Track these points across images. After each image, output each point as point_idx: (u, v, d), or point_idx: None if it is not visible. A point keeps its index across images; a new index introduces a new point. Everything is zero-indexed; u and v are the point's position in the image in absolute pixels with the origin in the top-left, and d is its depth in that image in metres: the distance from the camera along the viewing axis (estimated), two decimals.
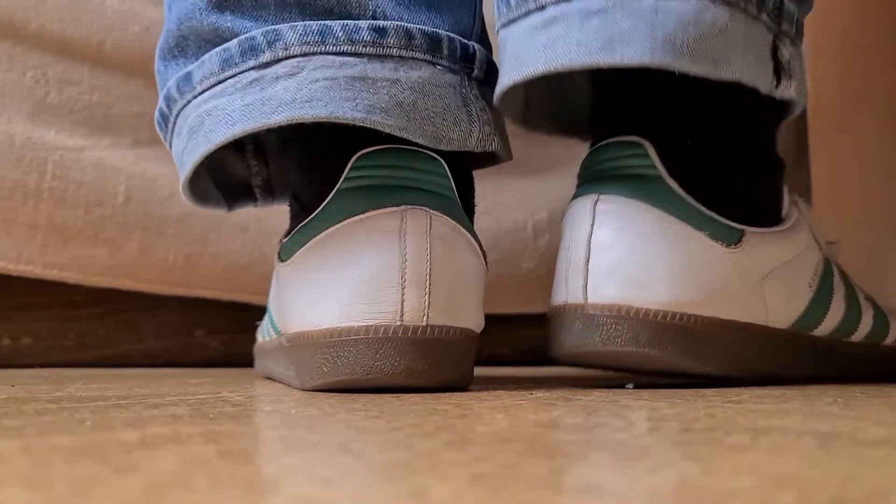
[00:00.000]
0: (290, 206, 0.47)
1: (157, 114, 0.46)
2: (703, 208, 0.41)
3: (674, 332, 0.40)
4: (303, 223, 0.40)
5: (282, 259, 0.42)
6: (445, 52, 0.41)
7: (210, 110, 0.41)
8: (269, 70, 0.40)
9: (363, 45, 0.40)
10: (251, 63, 0.40)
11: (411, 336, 0.37)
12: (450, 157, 0.40)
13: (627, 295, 0.40)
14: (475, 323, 0.40)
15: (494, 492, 0.17)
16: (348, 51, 0.40)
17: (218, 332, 0.59)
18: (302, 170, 0.44)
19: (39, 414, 0.29)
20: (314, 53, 0.39)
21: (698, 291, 0.40)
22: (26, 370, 0.59)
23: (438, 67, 0.41)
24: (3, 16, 0.60)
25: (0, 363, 0.63)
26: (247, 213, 0.63)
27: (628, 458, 0.21)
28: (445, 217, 0.39)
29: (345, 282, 0.38)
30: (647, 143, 0.42)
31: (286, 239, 0.42)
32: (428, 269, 0.38)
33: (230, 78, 0.40)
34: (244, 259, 0.63)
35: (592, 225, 0.41)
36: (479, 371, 0.43)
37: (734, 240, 0.41)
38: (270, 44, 0.40)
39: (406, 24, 0.40)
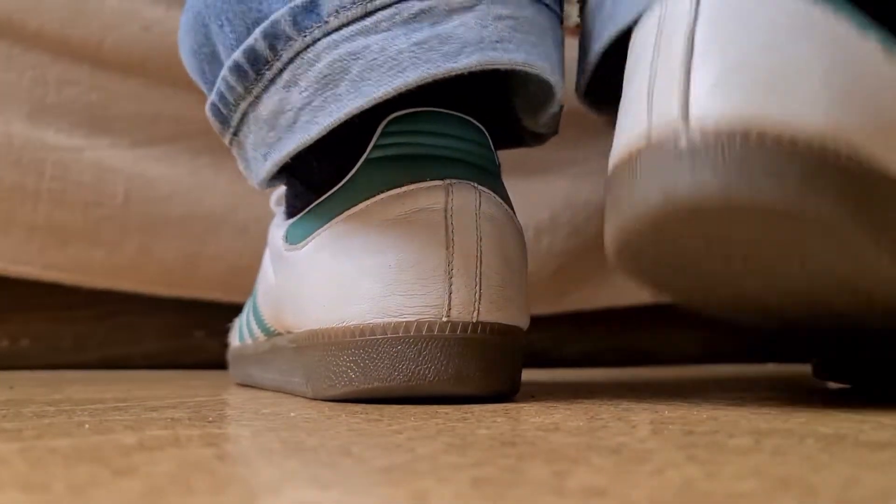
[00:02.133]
0: (287, 185, 0.40)
1: (233, 63, 0.35)
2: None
3: (837, 176, 0.25)
4: (321, 199, 0.34)
5: (290, 242, 0.36)
6: None
7: (357, 51, 0.32)
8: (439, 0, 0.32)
9: None
10: None
11: (460, 335, 0.31)
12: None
13: (759, 109, 0.25)
14: (524, 321, 0.35)
15: (496, 495, 0.17)
16: None
17: (218, 334, 0.59)
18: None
19: (38, 416, 0.29)
20: None
21: (872, 117, 0.26)
22: (25, 372, 0.59)
23: (558, 21, 0.36)
24: (2, 16, 0.60)
25: None
26: (247, 214, 0.63)
27: (631, 461, 0.21)
28: (493, 195, 0.33)
29: (378, 270, 0.32)
30: None
31: (292, 220, 0.37)
32: (478, 256, 0.32)
33: (383, 8, 0.32)
34: (244, 260, 0.63)
35: (695, 15, 0.26)
36: None
37: None
38: None
39: None
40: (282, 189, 0.43)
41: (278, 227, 0.39)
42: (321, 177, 0.35)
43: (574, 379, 0.52)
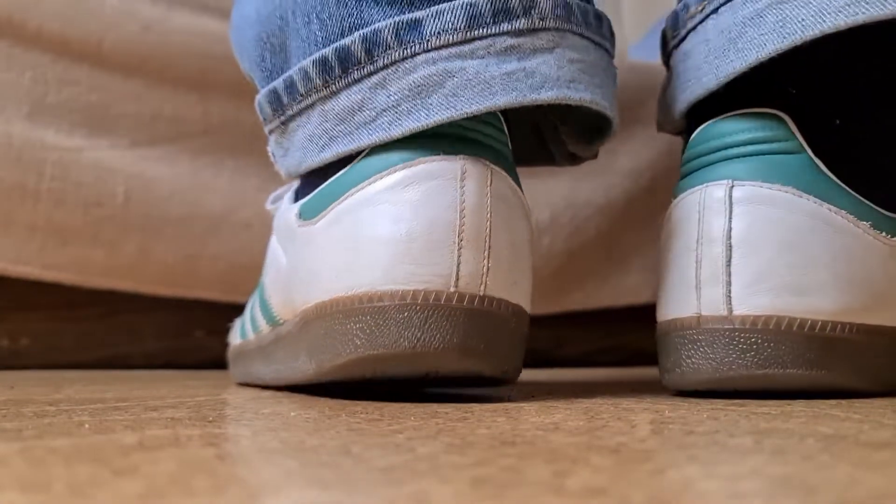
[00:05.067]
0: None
1: (320, 57, 0.37)
2: (855, 194, 0.36)
3: (846, 348, 0.35)
4: (337, 175, 0.36)
5: (304, 219, 0.37)
6: (613, 42, 0.41)
7: (453, 71, 0.35)
8: (525, 39, 0.35)
9: (590, 30, 0.38)
10: (505, 27, 0.35)
11: (467, 306, 0.32)
12: None
13: (786, 304, 0.34)
14: (528, 305, 0.36)
15: (496, 495, 0.17)
16: (585, 34, 0.37)
17: (218, 334, 0.59)
18: None
19: (38, 416, 0.29)
20: (565, 31, 0.36)
21: (868, 295, 0.35)
22: (25, 372, 0.59)
23: (611, 60, 0.41)
24: (2, 15, 0.60)
25: None
26: (247, 214, 0.63)
27: (631, 461, 0.21)
28: (505, 174, 0.34)
29: (389, 239, 0.33)
30: (785, 116, 0.36)
31: (307, 198, 0.38)
32: (488, 230, 0.33)
33: (480, 39, 0.35)
34: (244, 260, 0.63)
35: (729, 217, 0.35)
36: None
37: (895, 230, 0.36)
38: (526, 10, 0.35)
39: (598, 10, 0.39)
40: (279, 189, 0.44)
41: (288, 210, 0.40)
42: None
43: (574, 379, 0.52)
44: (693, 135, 0.39)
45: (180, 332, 0.67)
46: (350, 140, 0.36)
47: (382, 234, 0.33)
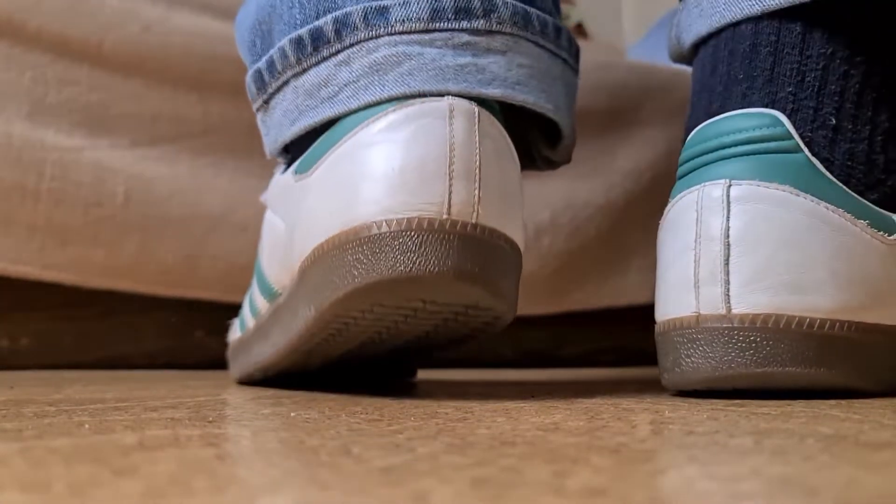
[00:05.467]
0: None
1: (296, 37, 0.40)
2: (851, 192, 0.36)
3: (844, 346, 0.35)
4: (331, 128, 0.37)
5: (300, 173, 0.38)
6: (573, 53, 0.43)
7: (412, 54, 0.37)
8: (481, 39, 0.38)
9: (546, 40, 0.40)
10: (464, 24, 0.38)
11: (460, 231, 0.33)
12: None
13: (784, 302, 0.34)
14: (520, 241, 0.37)
15: (496, 495, 0.17)
16: (540, 43, 0.40)
17: (218, 334, 0.59)
18: None
19: (38, 416, 0.29)
20: (520, 37, 0.39)
21: (866, 293, 0.35)
22: (25, 372, 0.59)
23: (572, 71, 0.43)
24: (2, 15, 0.60)
25: None
26: (246, 214, 0.63)
27: (631, 461, 0.21)
28: (493, 117, 0.36)
29: (382, 174, 0.34)
30: (782, 115, 0.36)
31: (302, 156, 0.39)
32: (477, 163, 0.34)
33: (440, 31, 0.38)
34: (244, 260, 0.63)
35: (727, 216, 0.35)
36: (481, 373, 0.43)
37: (894, 229, 0.36)
38: (487, 12, 0.38)
39: (558, 22, 0.41)
40: (272, 182, 0.44)
41: (282, 177, 0.42)
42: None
43: (574, 379, 0.52)
44: (690, 134, 0.39)
45: (180, 332, 0.67)
46: (314, 113, 0.39)
47: (376, 171, 0.34)
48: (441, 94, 0.36)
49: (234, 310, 0.56)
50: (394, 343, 0.40)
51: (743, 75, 0.39)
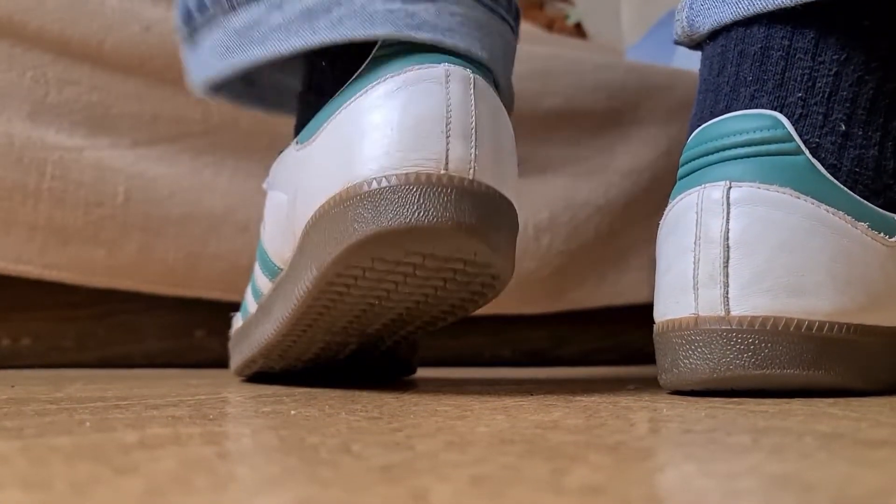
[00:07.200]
0: (300, 101, 0.45)
1: None
2: (853, 194, 0.36)
3: (842, 348, 0.35)
4: (332, 98, 0.38)
5: (301, 142, 0.39)
6: (513, 13, 0.43)
7: (342, 1, 0.38)
8: None
9: None
10: None
11: (457, 185, 0.34)
12: None
13: (783, 305, 0.34)
14: (515, 200, 0.37)
15: (495, 493, 0.17)
16: None
17: (218, 333, 0.59)
18: (324, 52, 0.42)
19: (39, 415, 0.29)
20: None
21: (865, 296, 0.35)
22: (26, 371, 0.59)
23: (510, 29, 0.43)
24: (3, 15, 0.60)
25: None
26: (247, 214, 0.63)
27: (629, 459, 0.21)
28: (487, 84, 0.37)
29: (381, 134, 0.35)
30: (782, 117, 0.36)
31: (304, 127, 0.40)
32: (473, 124, 0.35)
33: None
34: (244, 259, 0.63)
35: (727, 218, 0.35)
36: (480, 372, 0.43)
37: (894, 231, 0.36)
38: None
39: None
40: (273, 169, 0.45)
41: (284, 153, 0.43)
42: (334, 83, 0.39)
43: (572, 377, 0.53)
44: (691, 136, 0.39)
45: (180, 332, 0.67)
46: (244, 53, 0.40)
47: (375, 132, 0.35)
48: (370, 40, 0.37)
49: (234, 310, 0.56)
50: (394, 312, 0.40)
51: (752, 77, 0.39)
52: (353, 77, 0.37)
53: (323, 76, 0.43)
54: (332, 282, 0.36)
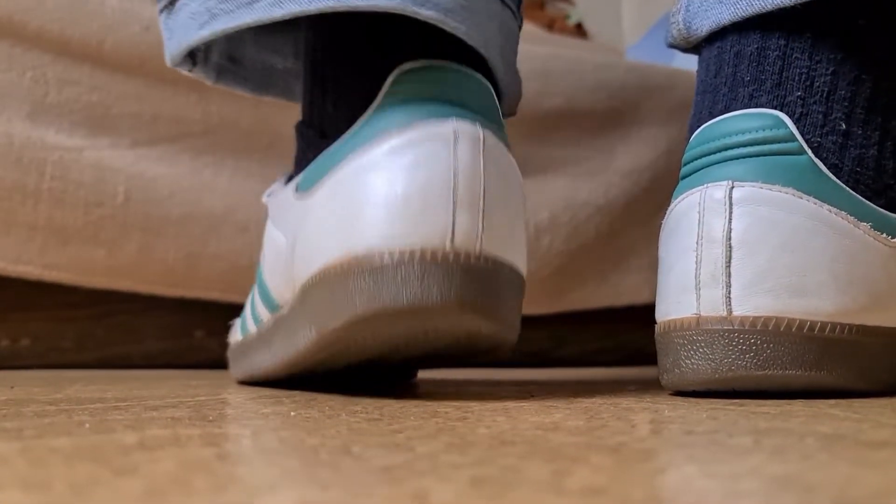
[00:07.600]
0: (300, 134, 0.43)
1: None
2: (855, 194, 0.36)
3: (844, 348, 0.35)
4: (333, 145, 0.36)
5: (302, 190, 0.37)
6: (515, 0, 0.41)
7: None
8: None
9: None
10: None
11: (463, 262, 0.32)
12: None
13: (785, 305, 0.34)
14: (523, 266, 0.36)
15: (496, 494, 0.17)
16: None
17: (218, 334, 0.59)
18: (325, 91, 0.40)
19: (38, 416, 0.29)
20: None
21: (867, 296, 0.35)
22: (25, 371, 0.59)
23: (512, 15, 0.41)
24: (3, 15, 0.60)
25: None
26: (247, 214, 0.63)
27: (630, 460, 0.21)
28: (497, 138, 0.35)
29: (385, 200, 0.33)
30: (785, 117, 0.36)
31: (304, 171, 0.38)
32: (482, 190, 0.33)
33: None
34: (244, 260, 0.63)
35: (729, 218, 0.35)
36: (480, 373, 0.42)
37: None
38: None
39: None
40: (275, 185, 0.44)
41: (284, 190, 0.41)
42: (337, 124, 0.37)
43: (573, 378, 0.52)
44: (693, 135, 0.39)
45: (180, 332, 0.67)
46: (230, 18, 0.37)
47: (378, 197, 0.33)
48: (371, 11, 0.35)
49: (234, 309, 0.56)
50: (397, 360, 0.40)
51: (750, 77, 0.38)
52: (358, 124, 0.36)
53: (323, 113, 0.41)
54: (333, 342, 0.35)
